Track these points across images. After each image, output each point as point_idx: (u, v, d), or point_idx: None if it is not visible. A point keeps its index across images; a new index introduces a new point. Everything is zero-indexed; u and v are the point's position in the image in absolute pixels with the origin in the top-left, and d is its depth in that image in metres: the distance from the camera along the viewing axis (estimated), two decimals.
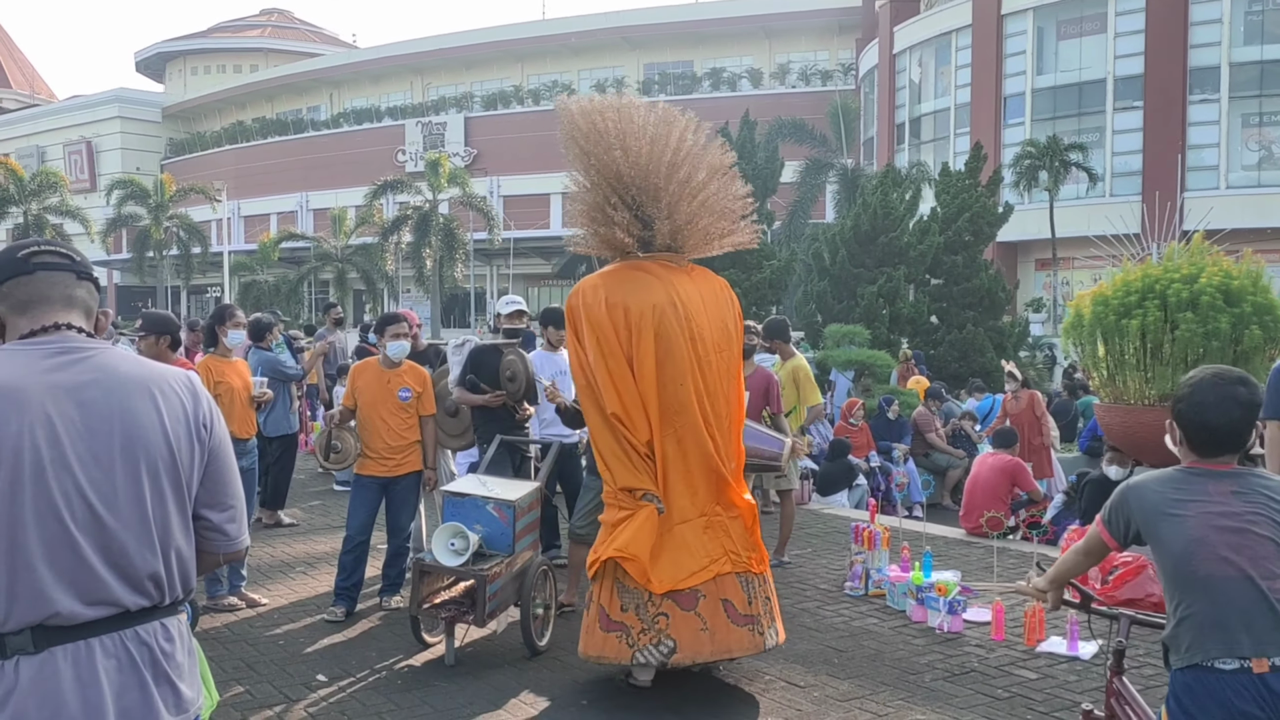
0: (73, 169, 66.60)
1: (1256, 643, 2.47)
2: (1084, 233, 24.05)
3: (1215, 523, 2.56)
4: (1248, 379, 2.70)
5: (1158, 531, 2.64)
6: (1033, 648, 5.44)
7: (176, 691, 1.99)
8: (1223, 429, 2.62)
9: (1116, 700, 2.95)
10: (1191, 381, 2.70)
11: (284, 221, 59.07)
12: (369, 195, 44.36)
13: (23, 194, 44.60)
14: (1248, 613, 2.48)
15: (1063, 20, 37.96)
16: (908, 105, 43.70)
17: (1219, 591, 2.52)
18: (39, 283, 2.03)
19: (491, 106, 58.81)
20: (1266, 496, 2.57)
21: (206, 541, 2.11)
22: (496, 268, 52.78)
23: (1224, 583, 2.52)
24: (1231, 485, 2.60)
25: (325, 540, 7.91)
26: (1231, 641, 2.49)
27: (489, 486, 5.43)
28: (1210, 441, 2.64)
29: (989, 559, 7.11)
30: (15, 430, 1.85)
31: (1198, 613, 2.55)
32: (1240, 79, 34.75)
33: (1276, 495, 2.57)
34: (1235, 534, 2.54)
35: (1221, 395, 2.62)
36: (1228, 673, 2.48)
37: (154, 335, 5.63)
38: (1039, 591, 3.06)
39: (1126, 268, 8.28)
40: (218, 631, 5.70)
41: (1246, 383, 2.67)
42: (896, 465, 11.41)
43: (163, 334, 5.66)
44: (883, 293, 17.95)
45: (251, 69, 73.24)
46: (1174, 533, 2.60)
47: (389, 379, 6.04)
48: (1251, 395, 2.65)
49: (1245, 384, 2.66)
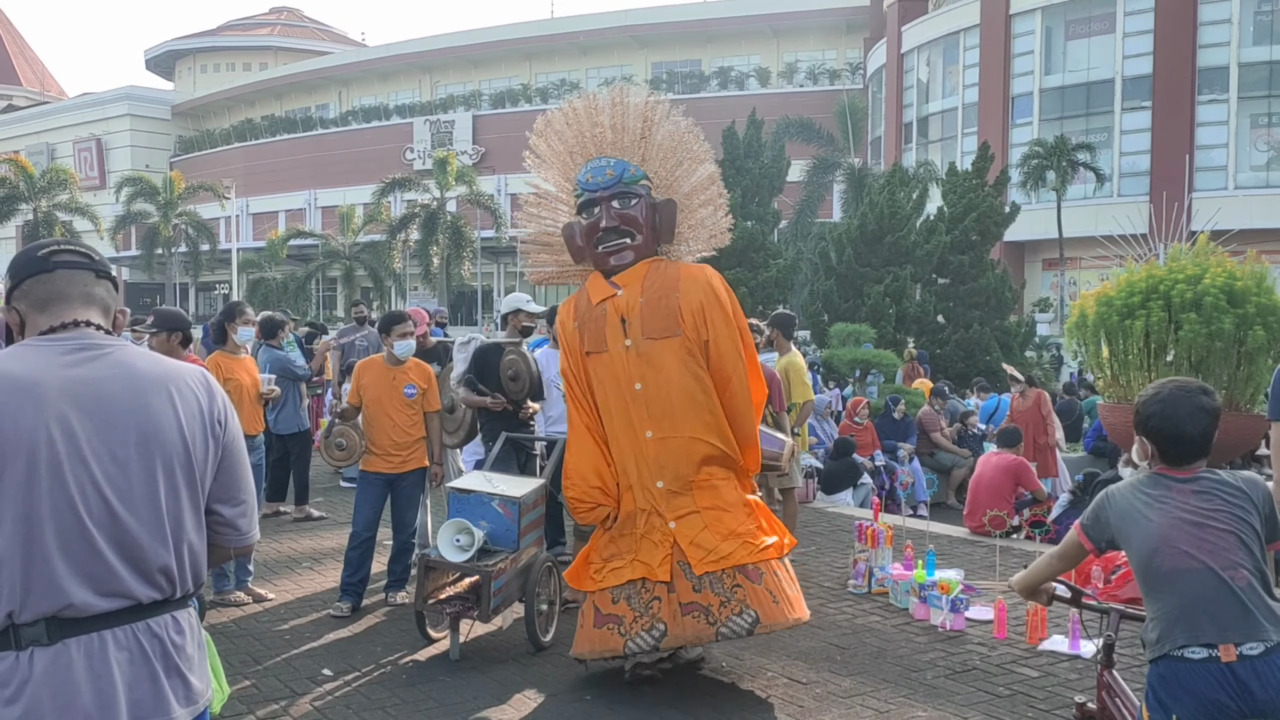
0: (82, 166, 66.84)
1: (1222, 630, 2.58)
2: (1091, 233, 24.03)
3: (1177, 520, 2.70)
4: (1207, 388, 2.85)
5: (1128, 534, 2.78)
6: (1034, 646, 5.46)
7: (187, 683, 2.03)
8: (1196, 438, 2.75)
9: (1107, 693, 3.00)
10: (1159, 397, 2.81)
11: (292, 219, 59.26)
12: (377, 193, 44.51)
13: (32, 191, 44.82)
14: (1211, 602, 2.61)
15: (1071, 20, 37.86)
16: (915, 105, 43.63)
17: (1183, 584, 2.65)
18: (58, 280, 2.07)
19: (499, 105, 58.87)
20: (1225, 493, 2.71)
21: (218, 536, 2.16)
22: (503, 266, 52.87)
23: (1187, 574, 2.65)
24: (1193, 486, 2.74)
25: (331, 536, 7.96)
26: (1196, 630, 2.61)
27: (494, 483, 5.46)
28: (1186, 452, 2.77)
29: (992, 558, 7.14)
30: (32, 424, 1.89)
31: (1165, 606, 2.68)
32: (1249, 79, 34.64)
33: (1233, 492, 2.71)
34: (1196, 529, 2.67)
35: (1192, 406, 2.76)
36: (1197, 662, 2.59)
37: (165, 332, 5.72)
38: (1022, 592, 3.14)
39: (1130, 268, 8.30)
40: (224, 626, 5.75)
41: (1208, 391, 2.83)
42: (901, 464, 11.43)
43: (174, 330, 5.74)
44: (889, 292, 17.95)
45: (261, 67, 73.39)
46: (1141, 534, 2.74)
47: (394, 376, 6.08)
48: (1214, 403, 2.81)
49: (1207, 393, 2.82)
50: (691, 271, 4.71)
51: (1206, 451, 2.78)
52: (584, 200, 4.78)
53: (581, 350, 4.70)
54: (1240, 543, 2.65)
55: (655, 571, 4.44)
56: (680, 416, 4.56)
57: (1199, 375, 7.46)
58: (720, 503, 4.56)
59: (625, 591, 4.51)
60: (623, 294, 4.66)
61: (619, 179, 4.69)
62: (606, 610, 4.54)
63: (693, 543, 4.47)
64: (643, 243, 4.72)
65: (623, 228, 4.69)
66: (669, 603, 4.43)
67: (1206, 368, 7.44)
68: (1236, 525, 2.66)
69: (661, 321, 4.57)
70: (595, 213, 4.74)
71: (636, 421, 4.59)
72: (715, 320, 4.59)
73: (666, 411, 4.56)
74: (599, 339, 4.65)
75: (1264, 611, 2.60)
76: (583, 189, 4.77)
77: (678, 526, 4.48)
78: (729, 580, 4.44)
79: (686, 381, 4.56)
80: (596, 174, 4.72)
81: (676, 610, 4.44)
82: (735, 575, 4.44)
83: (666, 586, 4.45)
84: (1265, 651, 2.56)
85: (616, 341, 4.62)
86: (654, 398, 4.57)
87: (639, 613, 4.46)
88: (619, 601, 4.52)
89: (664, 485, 4.55)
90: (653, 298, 4.61)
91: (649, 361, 4.57)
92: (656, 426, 4.56)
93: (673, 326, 4.56)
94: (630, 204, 4.69)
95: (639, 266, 4.73)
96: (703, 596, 4.43)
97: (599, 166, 4.74)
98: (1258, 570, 2.65)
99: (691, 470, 4.58)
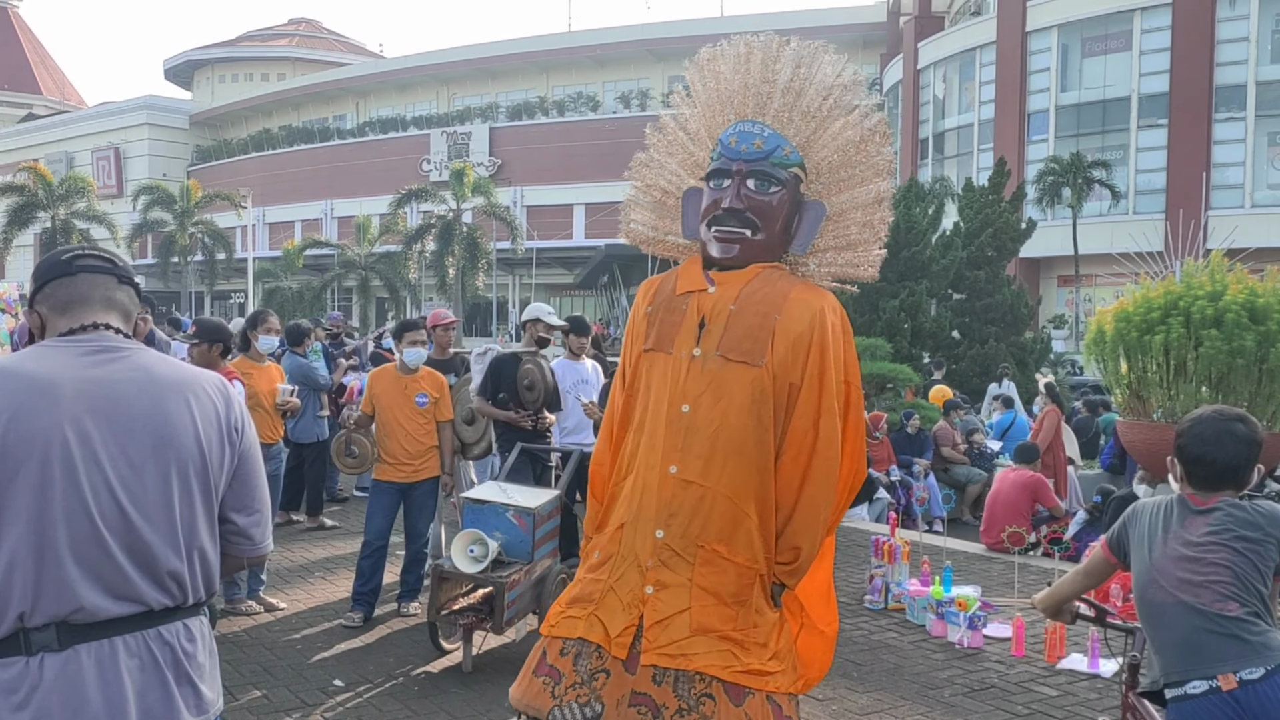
0: (100, 175, 67.46)
1: (1214, 662, 2.56)
2: (1107, 250, 23.88)
3: (1173, 555, 2.68)
4: (1247, 417, 2.78)
5: (1133, 560, 2.78)
6: (1053, 664, 5.40)
7: (198, 692, 2.01)
8: (1220, 463, 2.70)
9: (1132, 715, 2.96)
10: (1193, 417, 2.79)
11: (308, 229, 59.53)
12: (393, 204, 44.73)
13: (51, 199, 45.21)
14: (1201, 636, 2.59)
15: (1087, 38, 37.82)
16: (931, 120, 43.63)
17: (1170, 618, 2.64)
18: (80, 284, 2.07)
19: (516, 117, 59.13)
20: (1238, 526, 2.65)
21: (231, 545, 2.14)
22: (519, 277, 53.00)
23: (1174, 609, 2.64)
24: (1207, 519, 2.68)
25: (344, 545, 7.94)
26: (1190, 663, 2.59)
27: (509, 493, 5.44)
28: (1210, 476, 2.71)
29: (1009, 574, 7.07)
30: (48, 424, 1.88)
31: (1160, 639, 2.68)
32: (1266, 97, 34.51)
33: (1247, 525, 2.65)
34: (1190, 563, 2.64)
35: (1220, 431, 2.71)
36: (1200, 696, 2.56)
37: (207, 343, 5.79)
38: (1045, 610, 3.11)
39: (1145, 284, 8.24)
40: (235, 635, 5.73)
41: (1246, 420, 2.76)
42: (917, 480, 11.37)
43: (215, 342, 5.83)
44: (905, 307, 17.89)
45: (279, 78, 73.91)
46: (1140, 564, 2.74)
47: (406, 384, 6.08)
48: (1250, 432, 2.73)
49: (1244, 421, 2.75)
50: (806, 295, 3.55)
51: (1236, 480, 2.72)
52: (716, 166, 3.68)
53: (642, 343, 3.69)
54: (1235, 576, 2.60)
55: (611, 643, 3.42)
56: (719, 463, 3.47)
57: (1219, 393, 7.39)
58: (721, 590, 3.44)
59: (576, 647, 3.49)
60: (714, 291, 3.63)
61: (767, 155, 3.61)
62: (551, 659, 3.54)
63: (659, 621, 3.40)
64: (764, 241, 3.60)
65: (748, 215, 3.57)
66: (618, 683, 3.40)
67: (1227, 385, 7.37)
68: (1233, 559, 2.62)
69: (745, 340, 3.50)
70: (724, 186, 3.64)
71: (666, 448, 3.51)
72: (815, 363, 3.47)
73: (705, 452, 3.48)
74: (667, 336, 3.64)
75: (1260, 640, 2.56)
76: (721, 151, 3.68)
77: (654, 594, 3.43)
78: (700, 686, 3.35)
79: (745, 423, 3.46)
80: (744, 139, 3.64)
81: (624, 696, 3.39)
82: (713, 685, 3.34)
83: (622, 663, 3.42)
84: (1266, 675, 2.51)
85: (685, 346, 3.57)
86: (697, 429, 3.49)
87: (581, 679, 3.47)
88: (566, 654, 3.50)
89: (664, 536, 3.48)
90: (747, 308, 3.56)
91: (711, 383, 3.52)
92: (685, 464, 3.49)
93: (757, 352, 3.48)
94: (769, 190, 3.58)
95: (749, 270, 3.61)
96: (660, 692, 3.36)
97: (749, 132, 3.66)
98: (1256, 602, 2.60)
99: (706, 534, 3.46)
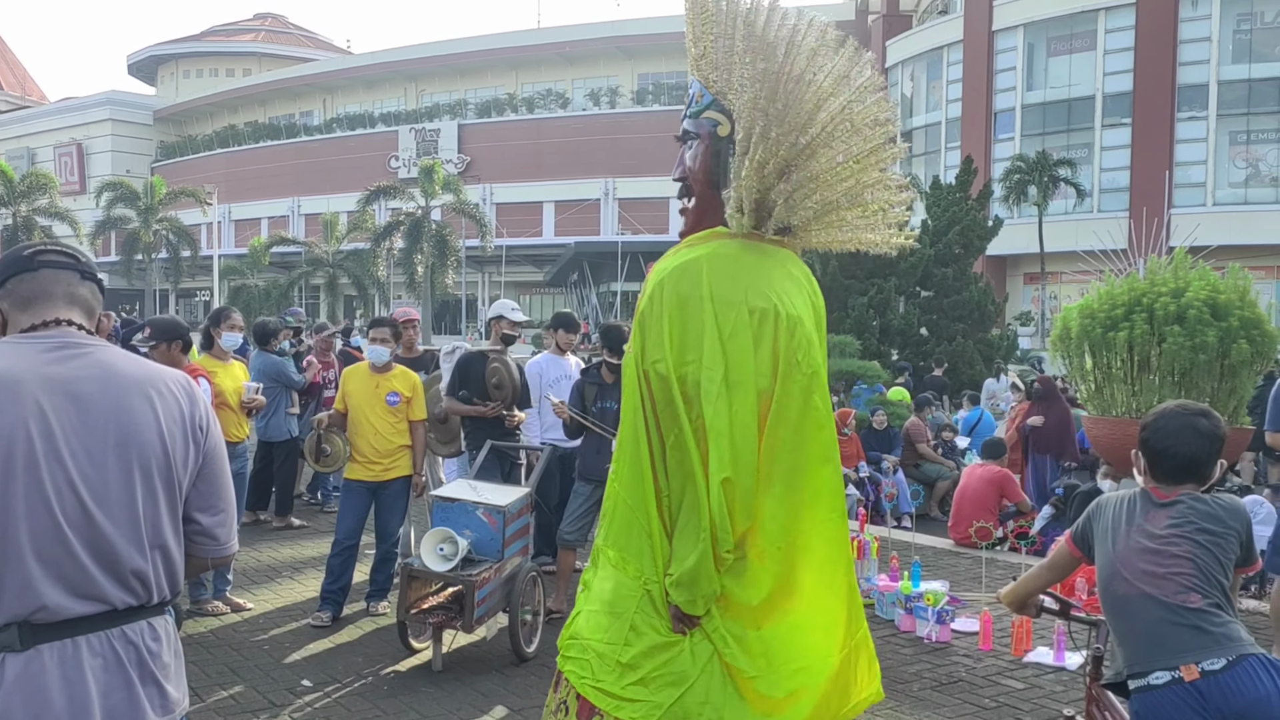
0: (63, 171, 66.53)
1: (1176, 653, 2.58)
2: (1072, 248, 24.17)
3: (1135, 547, 2.70)
4: (1210, 412, 2.82)
5: (1097, 553, 2.80)
6: (1020, 658, 5.46)
7: (163, 692, 1.99)
8: (1183, 456, 2.73)
9: (1096, 706, 2.99)
10: (1157, 412, 2.83)
11: (275, 226, 59.04)
12: (361, 201, 44.46)
13: (12, 195, 44.57)
14: (1162, 627, 2.61)
15: (1053, 37, 38.24)
16: (899, 118, 43.85)
17: (1133, 610, 2.66)
18: (43, 279, 2.05)
19: (485, 114, 58.93)
20: (1198, 516, 2.68)
21: (196, 545, 2.10)
22: (488, 275, 52.82)
23: (1137, 601, 2.65)
24: (1169, 511, 2.71)
25: (312, 545, 7.88)
26: (1153, 655, 2.61)
27: (479, 491, 5.41)
28: (1173, 470, 2.75)
29: (977, 569, 7.13)
30: (9, 421, 1.85)
31: (1122, 631, 2.70)
32: (1228, 97, 35.04)
33: (1208, 518, 2.68)
34: (1153, 555, 2.67)
35: (1183, 425, 2.74)
36: (1163, 687, 2.58)
37: (164, 342, 5.56)
38: (1011, 604, 3.13)
39: (1110, 281, 8.32)
40: (202, 636, 5.67)
41: (1209, 415, 2.79)
42: (885, 476, 11.43)
43: (174, 340, 5.60)
44: (873, 304, 18.00)
45: (245, 73, 73.23)
46: (1104, 557, 2.76)
47: (378, 383, 6.04)
48: (1213, 427, 2.77)
49: (1207, 416, 2.79)
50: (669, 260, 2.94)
51: (1197, 474, 2.76)
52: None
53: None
54: (1197, 568, 2.63)
55: None
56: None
57: (1182, 388, 7.48)
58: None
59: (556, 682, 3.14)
60: None
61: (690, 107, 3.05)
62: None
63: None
64: (697, 205, 3.02)
65: (682, 181, 3.05)
66: None
67: (1190, 380, 7.47)
68: (1195, 551, 2.64)
69: None
70: None
71: None
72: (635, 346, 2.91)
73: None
74: None
75: (1221, 630, 2.58)
76: None
77: None
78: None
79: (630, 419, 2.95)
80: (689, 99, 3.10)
81: None
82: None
83: None
84: (1227, 665, 2.53)
85: None
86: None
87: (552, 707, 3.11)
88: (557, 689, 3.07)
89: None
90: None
91: None
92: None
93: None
94: (690, 146, 3.02)
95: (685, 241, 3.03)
96: None
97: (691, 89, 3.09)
98: (1217, 593, 2.62)
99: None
